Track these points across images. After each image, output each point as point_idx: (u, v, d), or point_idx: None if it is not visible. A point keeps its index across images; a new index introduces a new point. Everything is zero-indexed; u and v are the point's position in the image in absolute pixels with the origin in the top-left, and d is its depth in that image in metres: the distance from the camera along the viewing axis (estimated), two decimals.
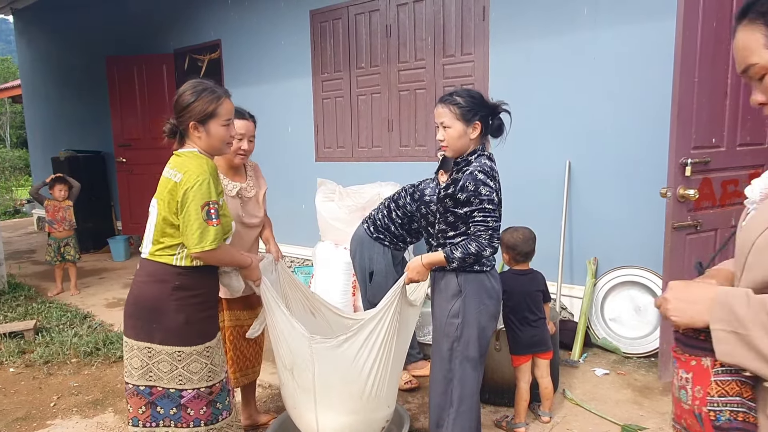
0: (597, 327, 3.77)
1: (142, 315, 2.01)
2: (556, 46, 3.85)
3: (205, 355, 2.05)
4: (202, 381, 2.04)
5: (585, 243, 3.91)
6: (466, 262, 2.15)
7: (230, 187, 2.48)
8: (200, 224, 1.90)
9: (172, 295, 1.98)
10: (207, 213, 1.91)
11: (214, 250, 1.94)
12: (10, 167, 17.18)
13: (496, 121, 2.26)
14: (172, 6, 6.64)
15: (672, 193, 2.85)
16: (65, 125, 8.69)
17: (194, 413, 2.04)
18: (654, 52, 3.44)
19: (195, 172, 1.93)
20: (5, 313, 4.72)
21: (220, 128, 2.03)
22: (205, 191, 1.92)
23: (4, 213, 11.88)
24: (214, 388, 2.08)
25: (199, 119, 2.00)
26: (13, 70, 23.00)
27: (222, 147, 2.08)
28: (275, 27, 5.56)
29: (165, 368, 2.01)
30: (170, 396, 2.02)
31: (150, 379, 2.01)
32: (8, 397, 3.28)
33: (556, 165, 3.95)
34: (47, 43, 8.84)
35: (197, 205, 1.90)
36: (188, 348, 2.01)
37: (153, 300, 1.99)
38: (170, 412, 2.03)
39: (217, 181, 2.00)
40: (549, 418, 2.85)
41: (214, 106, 2.01)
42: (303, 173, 5.44)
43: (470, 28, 4.24)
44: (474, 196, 2.11)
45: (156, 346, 1.99)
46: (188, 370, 2.01)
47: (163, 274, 1.99)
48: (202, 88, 2.02)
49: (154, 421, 2.03)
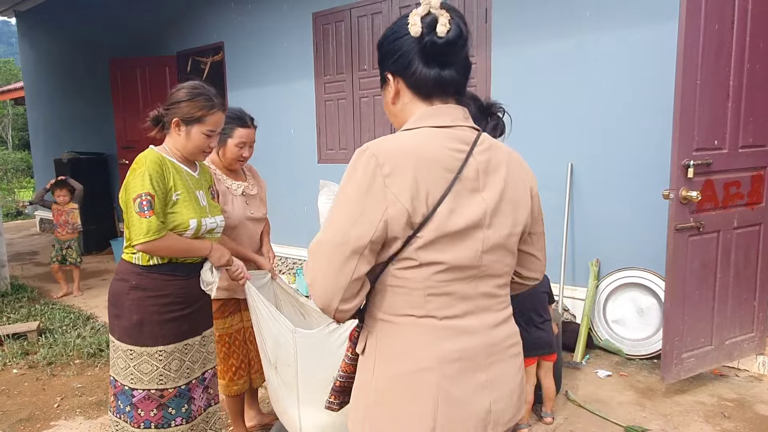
0: (599, 329, 3.77)
1: (109, 309, 2.06)
2: (558, 49, 3.86)
3: (157, 358, 2.01)
4: (152, 383, 2.02)
5: (587, 244, 3.92)
6: None
7: (234, 186, 2.51)
8: (133, 216, 1.88)
9: (128, 294, 1.99)
10: (139, 205, 1.87)
11: (155, 241, 1.89)
12: (12, 169, 17.21)
13: (492, 122, 2.25)
14: (175, 8, 6.67)
15: (674, 194, 2.85)
16: (68, 127, 8.71)
17: (144, 414, 2.03)
18: (656, 54, 3.45)
19: (137, 165, 1.94)
20: (8, 315, 4.73)
21: (201, 135, 2.02)
22: (138, 183, 1.89)
23: (7, 215, 11.89)
24: (165, 393, 2.04)
25: (183, 119, 2.00)
26: (15, 72, 23.07)
27: (196, 153, 2.07)
28: (278, 29, 5.58)
29: (121, 364, 2.03)
30: (125, 393, 2.04)
31: (114, 371, 2.07)
32: (12, 398, 3.28)
33: (558, 167, 3.95)
34: (50, 45, 8.87)
35: (131, 197, 1.89)
36: (139, 348, 2.00)
37: (114, 297, 2.03)
38: (126, 409, 2.05)
39: (158, 174, 1.93)
40: (552, 419, 2.85)
41: (203, 113, 2.00)
42: (305, 175, 5.45)
43: (472, 30, 4.25)
44: None
45: (116, 341, 2.04)
46: (139, 369, 2.01)
47: (125, 273, 2.01)
48: (199, 91, 2.02)
49: (118, 413, 2.08)
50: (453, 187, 1.10)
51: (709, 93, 2.86)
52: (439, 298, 1.13)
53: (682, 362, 3.06)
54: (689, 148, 2.85)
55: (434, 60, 1.16)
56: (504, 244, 1.18)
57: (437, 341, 1.13)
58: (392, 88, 1.22)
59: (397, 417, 1.15)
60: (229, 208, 2.46)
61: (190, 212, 2.01)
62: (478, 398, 1.16)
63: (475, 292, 1.16)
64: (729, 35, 2.89)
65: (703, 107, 2.85)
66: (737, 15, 2.89)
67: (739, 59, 2.94)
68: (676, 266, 2.93)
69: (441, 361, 1.13)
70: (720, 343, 3.20)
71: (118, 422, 2.08)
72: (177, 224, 1.98)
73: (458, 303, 1.14)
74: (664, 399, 3.08)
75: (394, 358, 1.16)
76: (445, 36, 1.13)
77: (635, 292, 3.70)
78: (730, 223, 3.09)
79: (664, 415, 2.91)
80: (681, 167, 2.84)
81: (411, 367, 1.14)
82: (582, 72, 3.79)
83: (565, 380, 3.28)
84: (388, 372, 1.16)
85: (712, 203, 3.00)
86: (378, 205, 1.07)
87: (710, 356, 3.18)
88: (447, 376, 1.14)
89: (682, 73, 2.75)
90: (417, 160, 1.09)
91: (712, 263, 3.07)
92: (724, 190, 3.03)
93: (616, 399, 3.09)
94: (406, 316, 1.15)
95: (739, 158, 3.06)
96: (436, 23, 1.13)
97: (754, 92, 3.02)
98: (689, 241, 2.95)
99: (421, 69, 1.16)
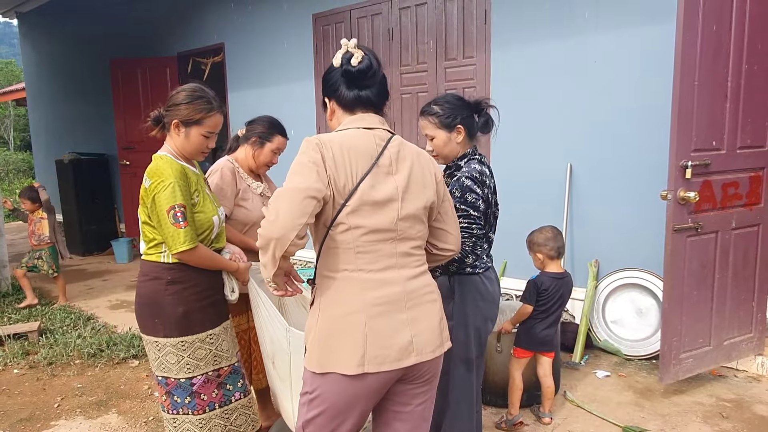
0: (598, 329, 3.78)
1: (144, 312, 2.12)
2: (557, 50, 3.87)
3: (209, 341, 2.14)
4: (208, 366, 2.14)
5: (586, 245, 3.93)
6: (449, 268, 2.17)
7: (255, 185, 2.62)
8: (169, 228, 1.98)
9: (167, 290, 2.06)
10: (174, 216, 1.98)
11: (191, 251, 2.01)
12: (13, 170, 17.25)
13: (482, 118, 2.26)
14: (176, 9, 6.69)
15: (672, 195, 2.86)
16: (69, 128, 8.73)
17: (207, 397, 2.15)
18: (654, 55, 3.45)
19: (160, 177, 2.01)
20: (9, 315, 4.75)
21: (200, 137, 2.10)
22: (169, 195, 1.98)
23: (8, 215, 11.91)
24: (222, 371, 2.18)
25: (183, 121, 2.07)
26: (17, 73, 23.12)
27: (195, 154, 2.15)
28: (278, 30, 5.59)
29: (172, 360, 2.10)
30: (182, 386, 2.12)
31: (163, 370, 2.13)
32: (12, 398, 3.30)
33: (557, 167, 3.96)
34: (52, 46, 8.89)
35: (164, 210, 1.98)
36: (190, 337, 2.10)
37: (151, 297, 2.09)
38: (186, 401, 2.13)
39: (184, 183, 2.04)
40: (550, 419, 2.86)
41: (202, 115, 2.08)
42: None
43: (472, 31, 4.26)
44: (460, 203, 2.11)
45: (161, 339, 2.09)
46: (194, 357, 2.12)
47: (156, 272, 2.08)
48: (199, 94, 2.09)
49: (174, 408, 2.15)
50: (372, 170, 1.52)
51: (707, 94, 2.87)
52: (366, 255, 1.52)
53: (680, 363, 3.07)
54: (687, 148, 2.86)
55: (353, 84, 1.61)
56: (415, 214, 1.58)
57: (364, 290, 1.51)
58: (329, 109, 1.69)
59: (335, 349, 1.50)
60: (249, 205, 2.55)
61: (211, 209, 2.14)
62: (400, 333, 1.52)
63: (395, 251, 1.55)
64: (727, 36, 2.89)
65: (701, 108, 2.86)
66: (735, 16, 2.90)
67: (737, 60, 2.95)
68: (675, 267, 2.93)
69: (367, 305, 1.50)
70: (718, 344, 3.20)
71: (176, 418, 2.15)
72: (203, 223, 2.08)
73: (382, 259, 1.53)
74: (662, 399, 3.09)
75: (332, 304, 1.53)
76: (357, 66, 1.60)
77: (634, 293, 3.71)
78: (728, 224, 3.09)
79: (662, 415, 2.92)
80: (679, 168, 2.84)
81: (344, 311, 1.51)
82: (581, 73, 3.79)
83: (564, 380, 3.29)
84: (327, 315, 1.53)
85: (710, 204, 3.00)
86: (323, 173, 1.47)
87: (709, 357, 3.18)
88: (372, 316, 1.50)
89: (680, 74, 2.76)
90: (347, 148, 1.52)
91: (710, 264, 3.08)
92: (722, 191, 3.04)
93: (615, 399, 3.10)
94: (342, 271, 1.53)
95: (737, 159, 3.06)
96: (352, 57, 1.61)
97: (752, 93, 3.03)
98: (687, 242, 2.95)
99: (345, 91, 1.63)
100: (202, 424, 2.15)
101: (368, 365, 1.48)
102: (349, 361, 1.48)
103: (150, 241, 2.09)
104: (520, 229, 3.10)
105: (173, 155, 2.11)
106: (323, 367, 1.51)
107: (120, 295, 5.49)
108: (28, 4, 8.57)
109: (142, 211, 2.08)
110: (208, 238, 2.13)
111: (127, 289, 5.66)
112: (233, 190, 2.54)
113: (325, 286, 1.55)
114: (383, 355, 1.50)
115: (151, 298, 2.08)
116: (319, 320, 1.54)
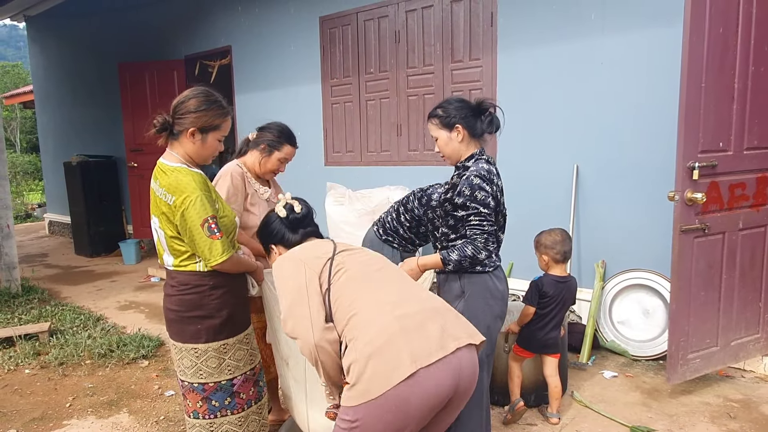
0: (605, 330, 3.79)
1: (185, 320, 2.12)
2: (563, 52, 3.89)
3: (245, 341, 2.24)
4: (246, 366, 2.23)
5: (593, 246, 3.94)
6: (463, 265, 2.20)
7: (262, 191, 2.63)
8: (205, 241, 1.99)
9: (211, 295, 2.10)
10: (209, 229, 1.98)
11: (229, 260, 2.05)
12: (21, 172, 17.33)
13: (486, 118, 2.30)
14: (184, 12, 6.73)
15: (680, 196, 2.87)
16: (77, 130, 8.79)
17: (246, 396, 2.24)
18: (661, 56, 3.47)
19: (184, 192, 1.98)
20: (20, 316, 4.79)
21: (216, 142, 2.11)
22: (200, 209, 1.97)
23: (16, 217, 12.00)
24: (255, 369, 2.29)
25: (201, 128, 2.04)
26: (23, 76, 23.23)
27: (209, 159, 2.17)
28: (285, 33, 5.63)
29: (213, 364, 2.14)
30: (222, 388, 2.17)
31: (201, 377, 2.15)
32: (24, 398, 3.33)
33: (563, 168, 3.98)
34: (60, 50, 8.96)
35: (197, 224, 1.97)
36: (232, 339, 2.17)
37: (196, 305, 2.10)
38: (225, 402, 2.18)
39: (207, 193, 2.04)
40: (558, 419, 2.87)
41: (221, 120, 2.09)
42: (312, 177, 5.49)
43: (478, 33, 4.28)
44: (470, 200, 2.15)
45: (201, 345, 2.12)
46: (235, 359, 2.18)
47: (196, 280, 2.10)
48: (213, 99, 2.08)
49: (212, 413, 2.18)
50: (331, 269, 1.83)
51: (714, 95, 2.88)
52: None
53: (687, 363, 3.08)
54: (694, 150, 2.87)
55: (297, 227, 2.09)
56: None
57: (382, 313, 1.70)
58: (276, 253, 2.09)
59: (383, 364, 1.56)
60: (256, 210, 2.57)
61: (230, 211, 2.18)
62: (429, 326, 1.66)
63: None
64: (734, 38, 2.91)
65: (708, 109, 2.87)
66: (742, 18, 2.91)
67: (743, 62, 2.96)
68: (682, 268, 2.94)
69: (393, 321, 1.65)
70: (726, 344, 3.21)
71: (213, 422, 2.19)
72: (228, 227, 2.10)
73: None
74: (669, 400, 3.10)
75: (363, 336, 1.65)
76: (300, 212, 2.10)
77: (641, 294, 3.71)
78: (735, 225, 3.10)
79: (669, 415, 2.93)
80: (686, 169, 2.86)
81: (376, 332, 1.63)
82: (587, 74, 3.81)
83: (571, 381, 3.30)
84: (361, 344, 1.63)
85: (717, 205, 3.01)
86: (309, 277, 1.81)
87: (716, 357, 3.19)
88: (400, 324, 1.63)
89: (687, 76, 2.77)
90: (312, 258, 1.87)
91: (717, 264, 3.09)
92: (729, 192, 3.05)
93: (622, 399, 3.11)
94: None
95: (744, 160, 3.07)
96: (293, 207, 2.10)
97: (759, 95, 3.04)
98: (695, 243, 2.97)
99: (290, 236, 2.07)
100: (241, 422, 2.23)
101: (419, 361, 1.56)
102: (401, 367, 1.54)
103: (182, 254, 2.08)
104: (526, 230, 3.11)
105: (187, 164, 2.07)
106: (375, 391, 1.55)
107: (128, 296, 5.53)
108: (37, 8, 8.63)
109: (167, 226, 2.05)
110: (232, 241, 2.16)
111: (136, 290, 5.70)
112: (243, 194, 2.56)
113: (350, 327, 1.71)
114: (427, 347, 1.60)
115: (196, 305, 2.09)
116: (355, 353, 1.62)
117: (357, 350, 1.61)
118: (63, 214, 9.06)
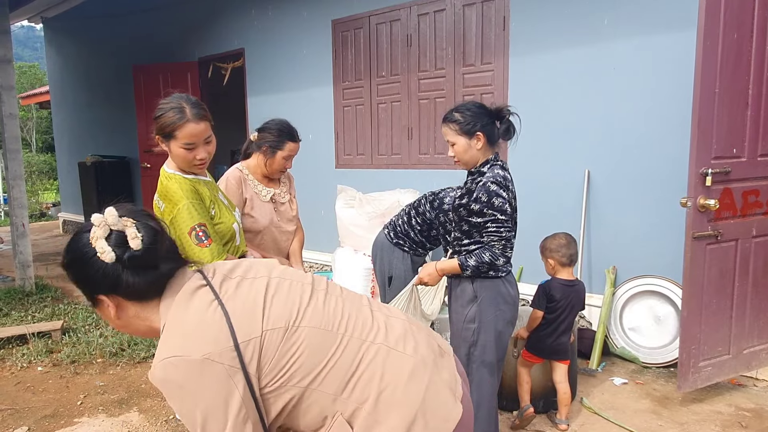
0: (615, 336, 3.77)
1: None
2: (575, 56, 3.88)
3: None
4: None
5: (604, 252, 3.92)
6: (480, 271, 2.20)
7: (264, 192, 2.59)
8: (193, 249, 1.95)
9: None
10: (196, 237, 1.95)
11: None
12: (36, 171, 17.56)
13: (503, 125, 2.30)
14: (197, 15, 6.79)
15: (692, 202, 2.85)
16: (92, 131, 8.90)
17: None
18: (674, 62, 3.45)
19: (173, 199, 1.97)
20: (33, 314, 4.85)
21: (179, 149, 1.98)
22: (186, 218, 1.95)
23: (31, 216, 12.14)
24: None
25: (160, 134, 2.00)
26: (39, 77, 23.56)
27: (189, 167, 2.04)
28: (298, 36, 5.66)
29: None
30: None
31: None
32: (37, 395, 3.37)
33: (575, 174, 3.96)
34: (76, 51, 9.07)
35: (185, 232, 1.95)
36: None
37: None
38: None
39: (197, 200, 1.99)
40: (566, 426, 2.86)
41: (173, 128, 1.94)
42: (323, 180, 5.51)
43: (490, 37, 4.28)
44: (487, 207, 2.15)
45: None
46: None
47: None
48: (170, 105, 1.95)
49: None
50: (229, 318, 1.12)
51: (727, 101, 2.86)
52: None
53: (699, 371, 3.05)
54: (707, 156, 2.85)
55: (143, 268, 1.14)
56: None
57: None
58: (111, 306, 1.19)
59: (402, 397, 1.16)
60: (256, 213, 2.53)
61: (229, 217, 2.12)
62: (425, 343, 1.27)
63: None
64: (748, 44, 2.88)
65: (721, 116, 2.85)
66: (756, 24, 2.89)
67: (758, 68, 2.94)
68: (694, 274, 2.92)
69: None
70: (738, 352, 3.18)
71: None
72: (224, 234, 2.07)
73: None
74: (680, 408, 3.07)
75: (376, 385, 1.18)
76: (142, 246, 1.11)
77: (652, 300, 3.69)
78: (748, 232, 3.07)
79: (680, 423, 2.90)
80: (699, 175, 2.84)
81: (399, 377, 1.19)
82: (599, 79, 3.79)
83: (581, 387, 3.29)
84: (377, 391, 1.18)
85: (730, 212, 2.99)
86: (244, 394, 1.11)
87: (728, 365, 3.16)
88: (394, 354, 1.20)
89: (701, 82, 2.75)
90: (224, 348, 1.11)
91: (730, 272, 3.06)
92: (742, 199, 3.02)
93: (632, 407, 3.09)
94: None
95: (758, 167, 3.04)
96: (126, 238, 1.11)
97: None
98: (707, 250, 2.94)
99: (133, 280, 1.13)
100: None
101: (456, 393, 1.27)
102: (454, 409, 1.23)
103: None
104: (537, 235, 3.10)
105: (181, 171, 2.04)
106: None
107: None
108: (53, 10, 8.76)
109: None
110: (233, 246, 2.14)
111: None
112: (239, 200, 2.52)
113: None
114: (427, 358, 1.30)
115: None
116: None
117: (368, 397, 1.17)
118: (77, 214, 9.16)
